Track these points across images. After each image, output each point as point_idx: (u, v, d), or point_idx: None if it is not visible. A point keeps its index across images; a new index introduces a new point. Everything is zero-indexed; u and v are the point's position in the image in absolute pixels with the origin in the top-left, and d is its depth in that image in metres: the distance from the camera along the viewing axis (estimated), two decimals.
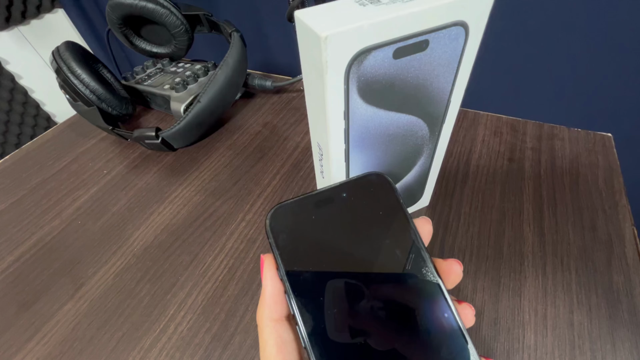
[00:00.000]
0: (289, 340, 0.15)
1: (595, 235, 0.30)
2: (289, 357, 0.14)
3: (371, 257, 0.15)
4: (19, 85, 1.16)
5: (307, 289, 0.15)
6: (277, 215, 0.16)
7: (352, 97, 0.19)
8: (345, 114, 0.20)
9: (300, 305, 0.14)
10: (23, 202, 0.39)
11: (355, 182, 0.17)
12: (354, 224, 0.16)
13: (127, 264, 0.32)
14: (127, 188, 0.39)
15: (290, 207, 0.16)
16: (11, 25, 1.11)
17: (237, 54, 0.43)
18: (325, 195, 0.16)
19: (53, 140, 0.47)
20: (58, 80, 0.42)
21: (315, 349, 0.14)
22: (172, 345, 0.26)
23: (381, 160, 0.25)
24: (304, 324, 0.14)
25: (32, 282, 0.31)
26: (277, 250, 0.15)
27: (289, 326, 0.15)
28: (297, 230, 0.16)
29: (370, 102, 0.20)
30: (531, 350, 0.24)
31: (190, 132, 0.41)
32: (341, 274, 0.15)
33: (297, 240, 0.15)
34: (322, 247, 0.15)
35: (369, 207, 0.16)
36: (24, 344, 0.27)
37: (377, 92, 0.19)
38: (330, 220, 0.16)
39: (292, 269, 0.15)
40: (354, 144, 0.22)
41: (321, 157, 0.24)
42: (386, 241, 0.16)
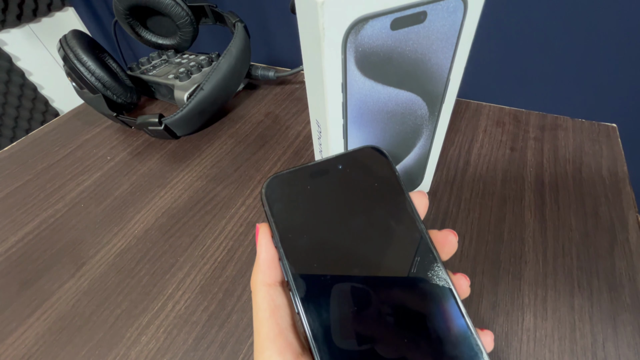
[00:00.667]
0: (282, 304, 0.15)
1: (598, 221, 0.30)
2: (281, 320, 0.14)
3: (365, 226, 0.15)
4: (29, 82, 1.18)
5: (300, 255, 0.15)
6: (272, 185, 0.16)
7: (350, 69, 0.19)
8: (343, 86, 0.20)
9: (294, 271, 0.14)
10: (28, 186, 0.39)
11: (351, 155, 0.17)
12: (349, 194, 0.16)
13: (127, 245, 0.32)
14: (130, 173, 0.40)
15: (286, 177, 0.16)
16: (23, 22, 1.14)
17: (240, 43, 0.43)
18: (321, 166, 0.16)
19: (59, 128, 0.48)
20: (65, 67, 0.43)
21: (307, 313, 0.14)
22: (170, 323, 0.26)
23: (380, 139, 0.25)
24: (297, 289, 0.14)
25: (34, 261, 0.31)
26: (272, 219, 0.15)
27: (282, 291, 0.15)
28: (292, 199, 0.16)
29: (368, 75, 0.20)
30: (530, 333, 0.24)
31: (192, 119, 0.42)
32: (335, 241, 0.15)
33: (292, 209, 0.15)
34: (317, 216, 0.15)
35: (365, 178, 0.16)
36: (24, 320, 0.27)
37: (375, 65, 0.19)
38: (325, 190, 0.16)
39: (287, 236, 0.15)
40: (352, 119, 0.22)
41: (320, 136, 0.24)
42: (381, 211, 0.16)
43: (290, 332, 0.14)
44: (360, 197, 0.16)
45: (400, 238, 0.15)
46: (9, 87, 1.14)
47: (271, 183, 0.16)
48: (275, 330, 0.14)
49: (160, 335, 0.26)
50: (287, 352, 0.14)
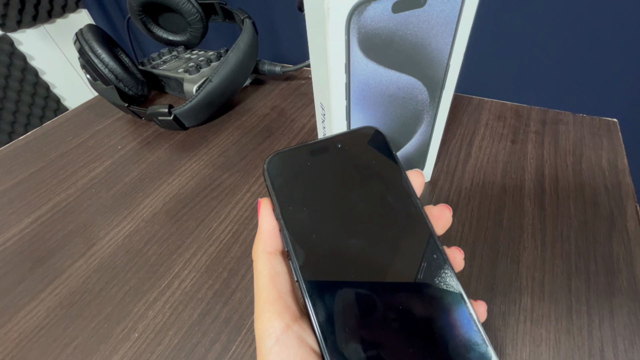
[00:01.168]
0: (282, 272, 0.15)
1: (597, 210, 0.30)
2: (280, 286, 0.15)
3: (362, 201, 0.16)
4: (42, 80, 1.21)
5: (300, 226, 0.15)
6: (274, 161, 0.17)
7: (353, 50, 0.20)
8: (346, 66, 0.21)
9: (294, 241, 0.15)
10: (42, 172, 0.41)
11: (350, 134, 0.18)
12: (347, 171, 0.17)
13: (136, 228, 0.33)
14: (139, 161, 0.41)
15: (287, 154, 0.17)
16: (38, 23, 1.17)
17: (248, 38, 0.45)
18: (321, 144, 0.17)
19: (72, 119, 0.50)
20: (80, 60, 0.44)
21: (306, 282, 0.14)
22: (176, 299, 0.27)
23: (381, 123, 0.25)
24: (297, 258, 0.15)
25: (47, 241, 0.33)
26: (273, 192, 0.16)
27: (282, 260, 0.16)
28: (293, 174, 0.16)
29: (370, 57, 0.21)
30: (527, 313, 0.24)
31: (201, 110, 0.43)
32: (333, 214, 0.16)
33: (293, 184, 0.16)
34: (316, 191, 0.16)
35: (363, 156, 0.17)
36: (36, 295, 0.28)
37: (377, 47, 0.20)
38: (325, 166, 0.17)
39: (287, 208, 0.16)
40: (354, 101, 0.23)
41: (324, 119, 0.25)
42: (378, 187, 0.17)
43: (289, 297, 0.15)
44: (358, 174, 0.17)
45: (396, 212, 0.16)
46: (23, 85, 1.17)
47: (273, 159, 0.17)
48: (275, 295, 0.15)
49: (166, 310, 0.26)
50: (285, 314, 0.14)
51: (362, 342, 0.14)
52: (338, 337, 0.14)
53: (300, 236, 0.15)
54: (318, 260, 0.15)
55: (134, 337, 0.25)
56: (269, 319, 0.15)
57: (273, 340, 0.14)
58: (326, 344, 0.14)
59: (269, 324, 0.14)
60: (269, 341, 0.14)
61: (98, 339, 0.25)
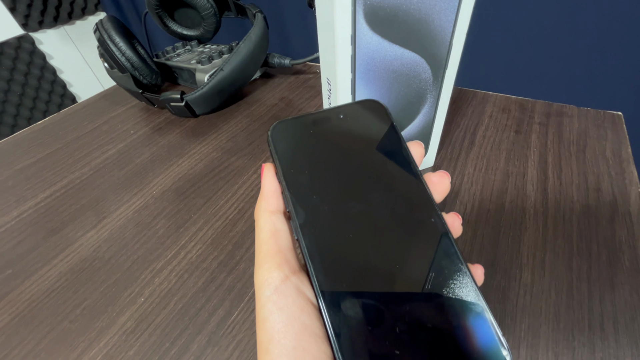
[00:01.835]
0: (283, 229, 0.16)
1: (600, 195, 0.30)
2: (281, 242, 0.16)
3: (362, 167, 0.17)
4: (59, 79, 1.26)
5: (301, 188, 0.16)
6: (278, 128, 0.18)
7: (359, 21, 0.21)
8: (352, 38, 0.22)
9: (295, 202, 0.16)
10: (58, 153, 0.42)
11: (352, 105, 0.18)
12: (349, 139, 0.18)
13: (145, 203, 0.34)
14: (151, 145, 0.42)
15: (291, 122, 0.18)
16: (58, 24, 1.22)
17: (259, 31, 0.46)
18: (324, 114, 0.18)
19: (88, 107, 0.52)
20: (99, 49, 0.46)
21: (305, 237, 0.15)
22: (182, 268, 0.28)
23: (386, 100, 0.26)
24: (298, 217, 0.15)
25: (60, 214, 0.34)
26: (276, 156, 0.17)
27: (283, 219, 0.16)
28: (296, 141, 0.17)
29: (375, 30, 0.22)
30: (527, 288, 0.24)
31: (211, 98, 0.44)
32: (333, 178, 0.16)
33: (295, 149, 0.17)
34: (317, 156, 0.17)
35: (364, 126, 0.18)
36: (49, 261, 0.29)
37: (382, 20, 0.21)
38: (327, 134, 0.18)
39: (289, 172, 0.16)
40: (360, 74, 0.24)
41: (329, 95, 0.26)
42: (378, 155, 0.17)
43: (289, 253, 0.16)
44: (359, 142, 0.18)
45: (395, 178, 0.17)
46: (41, 82, 1.21)
47: (277, 126, 0.18)
48: (275, 249, 0.15)
49: (172, 278, 0.27)
50: (285, 266, 0.15)
51: (359, 296, 0.14)
52: (336, 291, 0.14)
53: (301, 197, 0.16)
54: (318, 219, 0.15)
55: (140, 301, 0.26)
56: (269, 270, 0.15)
57: (272, 289, 0.15)
58: (324, 297, 0.14)
59: (268, 274, 0.15)
60: (267, 290, 0.15)
61: (106, 301, 0.26)
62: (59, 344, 0.24)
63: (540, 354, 0.21)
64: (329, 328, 0.14)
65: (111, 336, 0.24)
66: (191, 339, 0.23)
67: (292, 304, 0.14)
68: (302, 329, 0.14)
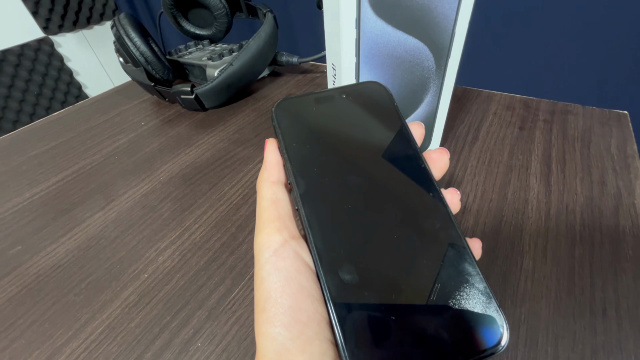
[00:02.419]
0: (283, 199, 0.17)
1: (604, 188, 0.30)
2: (281, 210, 0.16)
3: (363, 142, 0.17)
4: (75, 80, 1.30)
5: (302, 161, 0.17)
6: (282, 105, 0.18)
7: (364, 5, 0.22)
8: (357, 22, 0.22)
9: (296, 173, 0.16)
10: (71, 141, 0.44)
11: (355, 86, 0.19)
12: (350, 117, 0.18)
13: (152, 188, 0.35)
14: (160, 135, 0.43)
15: (295, 100, 0.19)
16: (77, 28, 1.27)
17: (269, 29, 0.48)
18: (327, 94, 0.19)
19: (102, 100, 0.54)
20: (115, 44, 0.48)
21: (306, 208, 0.15)
22: (185, 248, 0.28)
23: (389, 86, 0.27)
24: (298, 188, 0.16)
25: (70, 196, 0.35)
26: (279, 131, 0.18)
27: (285, 190, 0.17)
28: (298, 117, 0.18)
29: (380, 15, 0.23)
30: (529, 274, 0.24)
31: (220, 92, 0.46)
32: (334, 152, 0.17)
33: (298, 125, 0.18)
34: (319, 132, 0.17)
35: (366, 105, 0.19)
36: (57, 239, 0.30)
37: (386, 5, 0.22)
38: (329, 112, 0.18)
39: (291, 145, 0.17)
40: (364, 59, 0.24)
41: (334, 80, 0.27)
42: (378, 132, 0.18)
43: (288, 220, 0.16)
44: (360, 120, 0.18)
45: (395, 154, 0.17)
46: (58, 84, 1.25)
47: (281, 103, 0.18)
48: (275, 215, 0.16)
49: (175, 257, 0.28)
50: (284, 231, 0.16)
51: (355, 262, 0.15)
52: (332, 257, 0.15)
53: (302, 169, 0.16)
54: (317, 190, 0.16)
55: (143, 277, 0.26)
56: (268, 234, 0.16)
57: (271, 251, 0.15)
58: (321, 262, 0.15)
59: (267, 237, 0.16)
60: (266, 252, 0.15)
61: (110, 277, 0.27)
62: (64, 315, 0.24)
63: (540, 336, 0.21)
64: (326, 291, 0.14)
65: (114, 309, 0.24)
66: (192, 314, 0.24)
67: (290, 265, 0.15)
68: (299, 290, 0.14)
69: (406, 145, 0.18)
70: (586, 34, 0.51)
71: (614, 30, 0.49)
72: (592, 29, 0.51)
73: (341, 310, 0.14)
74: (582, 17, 0.50)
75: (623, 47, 0.50)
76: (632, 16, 0.47)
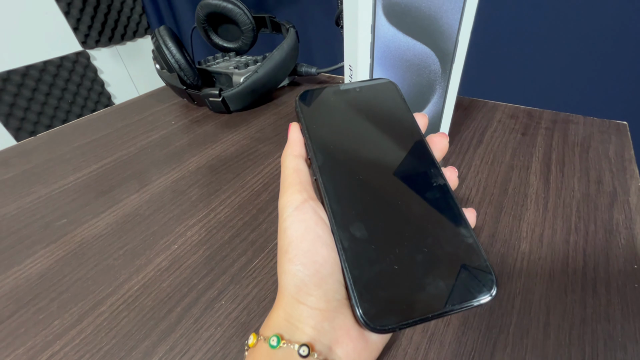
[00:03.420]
0: (304, 170, 0.20)
1: (600, 187, 0.32)
2: (302, 177, 0.19)
3: (374, 126, 0.21)
4: (106, 91, 1.39)
5: (321, 139, 0.20)
6: (304, 94, 0.22)
7: (378, 14, 0.26)
8: (372, 27, 0.26)
9: (315, 149, 0.20)
10: (109, 136, 0.49)
11: (369, 81, 0.23)
12: (363, 105, 0.22)
13: (182, 175, 0.39)
14: (189, 132, 0.48)
15: (316, 91, 0.22)
16: (112, 44, 1.37)
17: (291, 42, 0.53)
18: (344, 87, 0.23)
19: (137, 103, 0.59)
20: (154, 52, 0.54)
21: (323, 176, 0.19)
22: (211, 225, 0.31)
23: (400, 86, 0.30)
24: (317, 160, 0.19)
25: (109, 180, 0.39)
26: (301, 114, 0.21)
27: (305, 163, 0.20)
28: (318, 104, 0.22)
29: (392, 22, 0.26)
30: (525, 255, 0.26)
31: (245, 96, 0.50)
32: (348, 133, 0.20)
33: (317, 111, 0.21)
34: (336, 117, 0.21)
35: (377, 97, 0.22)
36: (98, 214, 0.34)
37: (397, 14, 0.26)
38: (344, 100, 0.22)
39: (312, 127, 0.21)
40: (377, 60, 0.28)
41: (351, 80, 0.31)
42: (388, 118, 0.21)
43: (308, 185, 0.19)
44: (372, 107, 0.22)
45: (402, 136, 0.20)
46: (90, 94, 1.34)
47: (304, 93, 0.22)
48: (297, 180, 0.19)
49: (202, 232, 0.31)
50: (304, 192, 0.19)
51: (363, 221, 0.18)
52: (344, 216, 0.18)
53: (320, 146, 0.20)
54: (333, 163, 0.19)
55: (173, 248, 0.29)
56: (292, 194, 0.19)
57: (293, 207, 0.18)
58: (335, 219, 0.18)
59: (291, 197, 0.19)
60: (290, 208, 0.18)
61: (144, 246, 0.30)
62: (104, 274, 0.27)
63: (533, 306, 0.22)
64: (338, 242, 0.17)
65: (148, 271, 0.27)
66: (216, 278, 0.26)
67: (309, 219, 0.18)
68: (316, 238, 0.17)
69: (411, 129, 0.21)
70: (594, 48, 0.54)
71: (623, 45, 0.52)
72: (601, 43, 0.54)
73: (350, 258, 0.17)
74: (595, 31, 0.53)
75: (626, 59, 0.52)
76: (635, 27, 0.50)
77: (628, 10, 0.50)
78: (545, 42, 0.57)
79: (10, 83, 1.13)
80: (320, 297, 0.17)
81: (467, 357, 0.20)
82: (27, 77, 1.16)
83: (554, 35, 0.56)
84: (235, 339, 0.22)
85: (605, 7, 0.51)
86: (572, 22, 0.54)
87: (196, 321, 0.23)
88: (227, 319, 0.23)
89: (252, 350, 0.17)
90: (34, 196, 0.37)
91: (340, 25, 0.52)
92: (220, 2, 0.56)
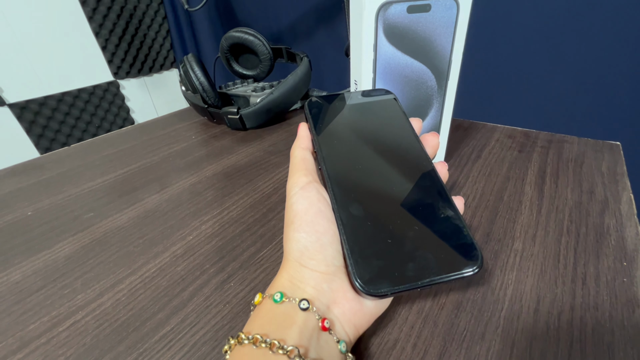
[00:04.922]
0: (310, 160, 0.23)
1: (593, 196, 0.34)
2: (308, 166, 0.23)
3: (373, 126, 0.24)
4: (130, 117, 1.49)
5: (326, 136, 0.24)
6: (312, 100, 0.26)
7: (380, 35, 0.30)
8: (374, 46, 0.30)
9: (321, 143, 0.23)
10: (135, 147, 0.53)
11: (370, 90, 0.27)
12: (364, 109, 0.25)
13: (199, 180, 0.42)
14: (207, 145, 0.52)
15: (322, 97, 0.26)
16: (140, 75, 1.49)
17: (304, 69, 0.58)
18: (347, 95, 0.26)
19: (161, 120, 0.64)
20: (181, 76, 0.60)
21: (327, 165, 0.22)
22: (224, 221, 0.34)
23: (399, 100, 0.34)
24: (322, 151, 0.23)
25: (133, 183, 0.42)
26: (309, 116, 0.25)
27: (311, 155, 0.24)
28: (324, 109, 0.25)
29: (392, 42, 0.30)
30: (518, 252, 0.27)
31: (261, 115, 0.55)
32: (351, 132, 0.24)
33: (323, 114, 0.25)
34: (339, 119, 0.25)
35: (377, 103, 0.26)
36: (121, 210, 0.37)
37: (396, 36, 0.30)
38: (347, 105, 0.25)
39: (319, 126, 0.24)
40: (379, 75, 0.32)
41: None
42: (386, 120, 0.25)
43: (313, 172, 0.22)
44: (371, 111, 0.25)
45: (397, 135, 0.24)
46: (116, 119, 1.44)
47: (311, 99, 0.26)
48: (304, 167, 0.22)
49: (216, 226, 0.33)
50: (309, 176, 0.22)
51: (360, 201, 0.20)
52: (344, 196, 0.21)
53: (325, 140, 0.23)
54: (336, 155, 0.22)
55: (189, 238, 0.32)
56: (298, 177, 0.22)
57: (299, 187, 0.21)
58: (335, 199, 0.21)
59: (297, 179, 0.22)
60: (296, 187, 0.21)
61: (162, 237, 0.32)
62: (125, 259, 0.30)
63: (524, 296, 0.24)
64: (338, 218, 0.20)
65: (164, 257, 0.30)
66: (227, 264, 0.28)
67: (313, 196, 0.21)
68: (318, 212, 0.20)
69: (406, 130, 0.24)
70: (590, 72, 0.58)
71: (618, 70, 0.55)
72: (600, 66, 0.57)
73: (349, 232, 0.19)
74: (595, 52, 0.57)
75: (624, 86, 0.55)
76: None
77: (624, 36, 0.54)
78: (543, 67, 0.61)
79: (46, 107, 1.23)
80: (320, 261, 0.19)
81: (459, 336, 0.21)
82: (62, 103, 1.26)
83: (552, 59, 0.60)
84: (242, 315, 0.24)
85: (600, 35, 0.55)
86: (572, 46, 0.58)
87: (206, 299, 0.25)
88: (235, 298, 0.25)
89: (257, 307, 0.19)
90: (65, 194, 0.41)
91: (348, 55, 0.57)
92: (243, 35, 0.63)
